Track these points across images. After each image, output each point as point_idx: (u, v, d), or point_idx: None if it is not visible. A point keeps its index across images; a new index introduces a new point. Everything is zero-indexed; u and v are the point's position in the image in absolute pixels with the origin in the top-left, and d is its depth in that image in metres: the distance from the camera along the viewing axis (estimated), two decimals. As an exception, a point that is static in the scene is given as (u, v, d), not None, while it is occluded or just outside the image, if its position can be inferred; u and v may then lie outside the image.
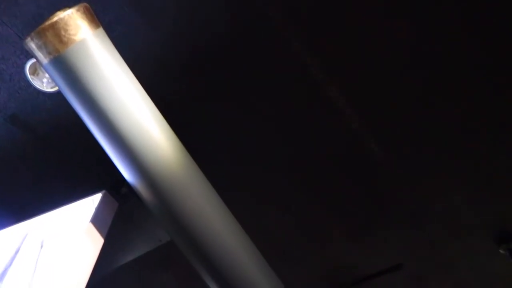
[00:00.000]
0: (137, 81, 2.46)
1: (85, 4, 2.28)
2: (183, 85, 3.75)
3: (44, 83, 3.57)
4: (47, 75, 2.85)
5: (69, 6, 2.29)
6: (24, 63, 3.49)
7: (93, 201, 3.32)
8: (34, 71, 3.52)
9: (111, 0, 3.26)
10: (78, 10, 2.18)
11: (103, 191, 3.45)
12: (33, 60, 3.44)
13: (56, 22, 2.10)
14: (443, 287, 5.32)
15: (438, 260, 4.97)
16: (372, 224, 4.58)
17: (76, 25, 2.13)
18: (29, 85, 3.59)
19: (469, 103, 3.65)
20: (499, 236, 4.82)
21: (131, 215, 3.85)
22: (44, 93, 3.64)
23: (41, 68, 2.77)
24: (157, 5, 3.29)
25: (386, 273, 4.86)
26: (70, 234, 2.77)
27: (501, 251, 4.80)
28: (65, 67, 2.13)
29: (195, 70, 3.66)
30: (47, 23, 2.12)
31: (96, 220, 2.86)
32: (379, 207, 4.43)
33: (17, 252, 2.79)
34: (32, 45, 2.14)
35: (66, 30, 2.10)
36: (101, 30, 2.30)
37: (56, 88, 3.53)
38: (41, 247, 2.80)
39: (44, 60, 2.16)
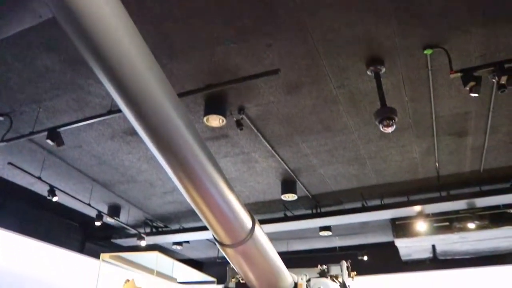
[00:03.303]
0: None
1: None
2: None
3: None
4: None
5: None
6: None
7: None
8: None
9: None
10: None
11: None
12: None
13: None
14: (313, 96, 5.93)
15: (314, 72, 5.40)
16: (259, 28, 4.71)
17: None
18: None
19: None
20: (369, 58, 5.28)
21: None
22: None
23: None
24: None
25: (264, 75, 5.18)
26: None
27: (368, 72, 5.33)
28: None
29: None
30: None
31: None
32: (268, 13, 4.51)
33: None
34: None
35: None
36: None
37: None
38: None
39: None
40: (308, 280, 5.62)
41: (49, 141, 6.27)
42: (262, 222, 4.79)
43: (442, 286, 11.40)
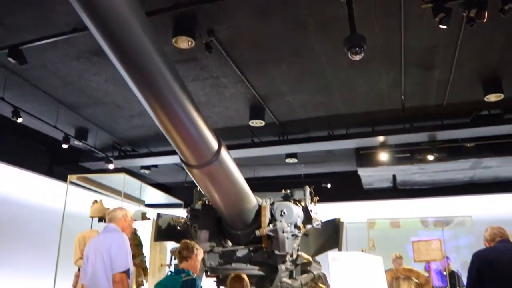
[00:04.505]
0: None
1: None
2: None
3: None
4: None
5: None
6: None
7: None
8: None
9: None
10: None
11: None
12: None
13: None
14: (283, 21, 5.83)
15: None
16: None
17: None
18: None
19: None
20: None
21: None
22: None
23: None
24: None
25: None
26: None
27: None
28: None
29: None
30: None
31: None
32: None
33: None
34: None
35: None
36: None
37: None
38: None
39: None
40: (272, 204, 5.84)
41: (10, 59, 6.08)
42: (230, 147, 4.86)
43: (401, 213, 12.02)
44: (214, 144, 4.25)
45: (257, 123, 8.54)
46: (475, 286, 3.62)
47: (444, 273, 8.75)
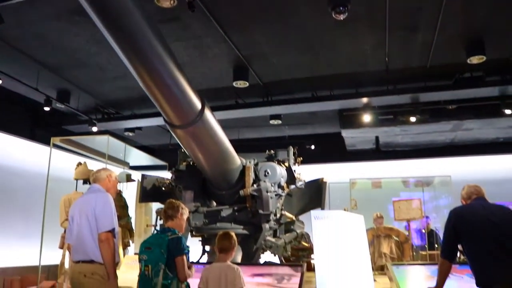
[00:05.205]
0: None
1: None
2: None
3: None
4: None
5: None
6: None
7: None
8: None
9: None
10: None
11: None
12: None
13: None
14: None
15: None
16: None
17: None
18: None
19: None
20: None
21: None
22: None
23: None
24: None
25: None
26: None
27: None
28: None
29: None
30: None
31: None
32: None
33: None
34: None
35: None
36: None
37: None
38: None
39: None
40: (256, 164, 5.91)
41: (-14, 19, 5.92)
42: (214, 109, 4.86)
43: (383, 175, 12.22)
44: (197, 104, 4.25)
45: (241, 84, 8.50)
46: (451, 241, 3.75)
47: (424, 231, 9.02)
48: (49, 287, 4.98)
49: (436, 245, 8.46)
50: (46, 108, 9.54)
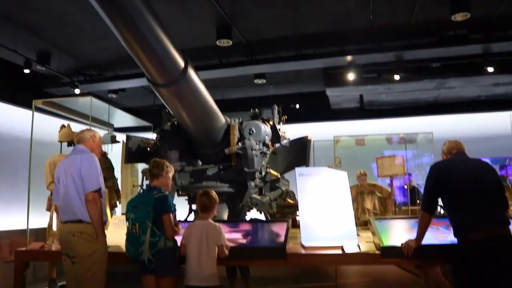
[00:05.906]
0: None
1: None
2: None
3: None
4: None
5: None
6: None
7: None
8: None
9: None
10: None
11: None
12: None
13: None
14: None
15: None
16: None
17: None
18: None
19: None
20: None
21: None
22: None
23: None
24: None
25: None
26: None
27: None
28: None
29: None
30: None
31: None
32: None
33: None
34: None
35: None
36: None
37: None
38: None
39: None
40: (241, 123, 5.93)
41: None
42: (198, 68, 4.80)
43: (367, 133, 12.33)
44: (180, 62, 4.22)
45: (224, 42, 8.39)
46: (432, 194, 3.85)
47: (406, 187, 9.23)
48: (38, 247, 5.03)
49: (418, 201, 8.66)
50: (26, 71, 9.34)
